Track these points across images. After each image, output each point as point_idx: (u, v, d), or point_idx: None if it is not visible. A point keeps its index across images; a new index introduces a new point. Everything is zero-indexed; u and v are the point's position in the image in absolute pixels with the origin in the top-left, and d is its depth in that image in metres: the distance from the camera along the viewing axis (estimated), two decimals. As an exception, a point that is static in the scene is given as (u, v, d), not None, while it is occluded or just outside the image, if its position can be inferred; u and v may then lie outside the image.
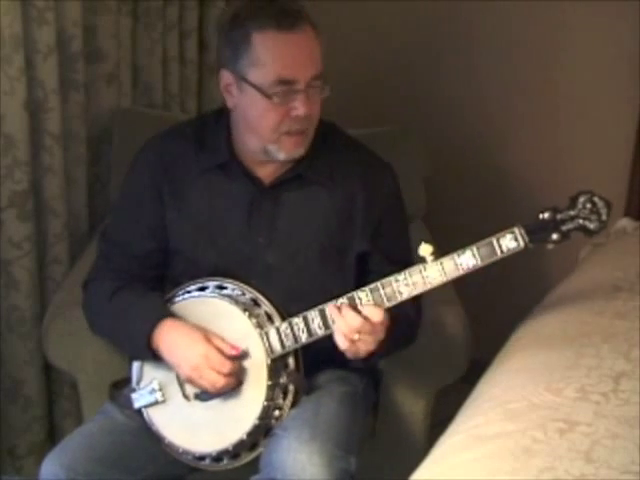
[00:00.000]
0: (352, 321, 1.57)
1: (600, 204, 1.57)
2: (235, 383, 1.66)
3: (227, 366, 1.63)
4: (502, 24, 2.76)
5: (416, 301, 1.70)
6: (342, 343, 1.58)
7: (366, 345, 1.59)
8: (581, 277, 2.11)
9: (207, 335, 1.66)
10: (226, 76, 1.67)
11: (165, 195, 1.77)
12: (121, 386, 1.82)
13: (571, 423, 1.42)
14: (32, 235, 2.19)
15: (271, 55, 1.60)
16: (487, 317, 2.64)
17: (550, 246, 1.58)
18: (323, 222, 1.75)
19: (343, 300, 1.61)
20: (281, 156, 1.69)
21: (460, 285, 2.04)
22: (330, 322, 1.62)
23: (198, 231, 1.77)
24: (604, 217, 1.58)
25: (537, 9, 2.69)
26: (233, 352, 1.64)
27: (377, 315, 1.57)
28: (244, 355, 1.66)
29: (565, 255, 2.49)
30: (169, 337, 1.67)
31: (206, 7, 2.63)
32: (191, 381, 1.67)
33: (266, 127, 1.65)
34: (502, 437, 1.41)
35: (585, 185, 1.62)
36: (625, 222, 2.45)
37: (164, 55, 2.52)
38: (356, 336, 1.57)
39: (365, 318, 1.57)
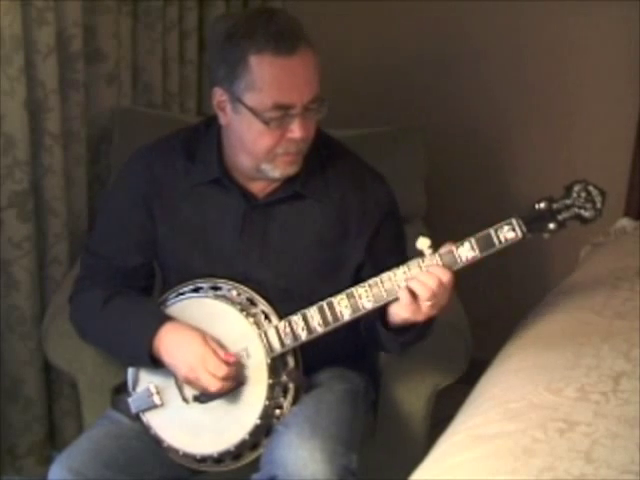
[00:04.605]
0: (426, 279, 1.55)
1: (594, 192, 1.59)
2: (232, 387, 1.65)
3: (223, 370, 1.62)
4: (502, 24, 2.76)
5: None
6: (407, 302, 1.55)
7: (430, 308, 1.56)
8: (581, 277, 2.11)
9: (205, 337, 1.66)
10: (220, 94, 1.64)
11: (156, 211, 1.76)
12: (122, 391, 1.82)
13: (571, 423, 1.42)
14: (32, 235, 2.19)
15: (269, 80, 1.58)
16: (487, 317, 2.64)
17: (547, 236, 1.59)
18: (317, 237, 1.74)
19: (342, 296, 1.61)
20: (275, 174, 1.68)
21: (460, 285, 2.04)
22: (330, 319, 1.62)
23: (191, 246, 1.76)
24: (599, 205, 1.59)
25: (537, 10, 2.69)
26: (226, 359, 1.64)
27: (445, 275, 1.55)
28: (240, 360, 1.66)
29: (565, 255, 2.51)
30: (168, 339, 1.67)
31: (206, 7, 2.63)
32: (188, 382, 1.67)
33: (261, 149, 1.63)
34: (502, 437, 1.41)
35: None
36: (625, 222, 2.45)
37: (164, 55, 2.52)
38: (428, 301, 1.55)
39: (439, 280, 1.55)
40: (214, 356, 1.63)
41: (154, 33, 2.48)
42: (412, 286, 1.56)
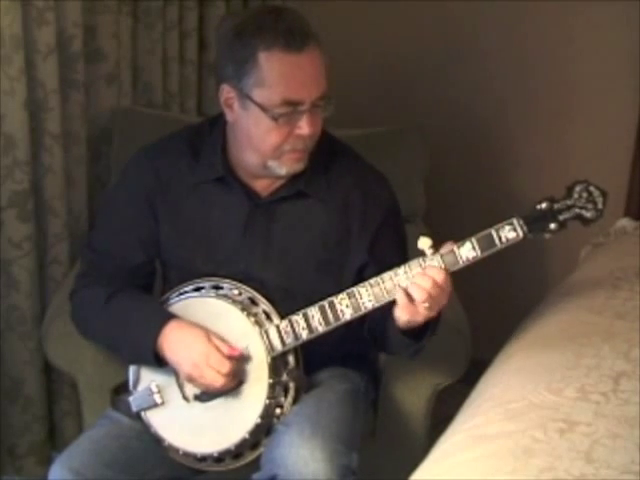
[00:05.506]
0: (421, 282, 1.54)
1: (596, 193, 1.59)
2: (235, 384, 1.66)
3: (226, 366, 1.63)
4: (503, 25, 2.76)
5: None
6: (403, 303, 1.55)
7: (429, 309, 1.56)
8: (581, 277, 2.11)
9: (208, 334, 1.66)
10: (227, 91, 1.65)
11: (159, 209, 1.76)
12: (121, 391, 1.82)
13: (571, 423, 1.42)
14: (32, 235, 2.19)
15: (278, 77, 1.59)
16: (487, 317, 2.64)
17: (548, 236, 1.59)
18: (319, 237, 1.74)
19: (343, 296, 1.62)
20: (282, 172, 1.68)
21: (460, 285, 2.04)
22: (331, 318, 1.62)
23: (194, 245, 1.76)
24: (600, 206, 1.59)
25: (538, 10, 2.69)
26: (231, 352, 1.64)
27: (439, 275, 1.55)
28: (244, 355, 1.66)
29: (565, 255, 2.51)
30: (172, 336, 1.67)
31: (206, 7, 2.63)
32: (191, 380, 1.67)
33: (269, 146, 1.64)
34: (502, 437, 1.41)
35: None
36: (625, 222, 2.45)
37: (164, 55, 2.52)
38: (425, 303, 1.54)
39: (434, 281, 1.54)
40: (217, 353, 1.63)
41: (154, 33, 2.48)
42: (408, 288, 1.56)
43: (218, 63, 1.68)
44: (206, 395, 1.68)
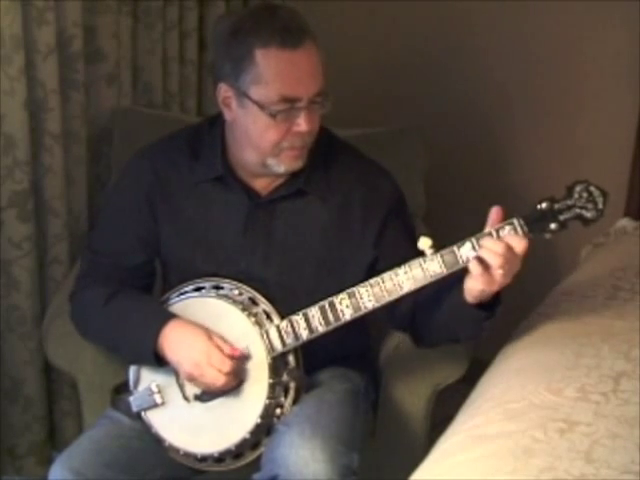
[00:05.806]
0: (495, 247, 1.52)
1: (596, 193, 1.58)
2: (235, 383, 1.66)
3: (228, 365, 1.63)
4: (504, 24, 2.76)
5: None
6: (476, 270, 1.52)
7: (503, 277, 1.53)
8: (581, 277, 2.11)
9: (209, 333, 1.66)
10: (225, 89, 1.65)
11: (159, 209, 1.77)
12: (122, 391, 1.82)
13: (571, 423, 1.42)
14: (32, 235, 2.19)
15: (275, 74, 1.59)
16: (487, 317, 2.64)
17: (548, 236, 1.58)
18: (320, 235, 1.74)
19: (343, 296, 1.62)
20: (281, 169, 1.68)
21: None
22: (331, 318, 1.62)
23: (194, 244, 1.76)
24: (600, 206, 1.58)
25: (539, 10, 2.69)
26: (232, 353, 1.64)
27: (520, 245, 1.52)
28: (244, 355, 1.66)
29: (565, 255, 2.51)
30: (172, 336, 1.67)
31: (206, 7, 2.63)
32: (192, 379, 1.67)
33: (268, 143, 1.64)
34: (502, 437, 1.41)
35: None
36: (625, 222, 2.45)
37: (164, 55, 2.52)
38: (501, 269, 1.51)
39: (508, 246, 1.52)
40: (218, 352, 1.63)
41: (154, 33, 2.48)
42: (482, 255, 1.53)
43: (215, 62, 1.69)
44: (206, 395, 1.68)
